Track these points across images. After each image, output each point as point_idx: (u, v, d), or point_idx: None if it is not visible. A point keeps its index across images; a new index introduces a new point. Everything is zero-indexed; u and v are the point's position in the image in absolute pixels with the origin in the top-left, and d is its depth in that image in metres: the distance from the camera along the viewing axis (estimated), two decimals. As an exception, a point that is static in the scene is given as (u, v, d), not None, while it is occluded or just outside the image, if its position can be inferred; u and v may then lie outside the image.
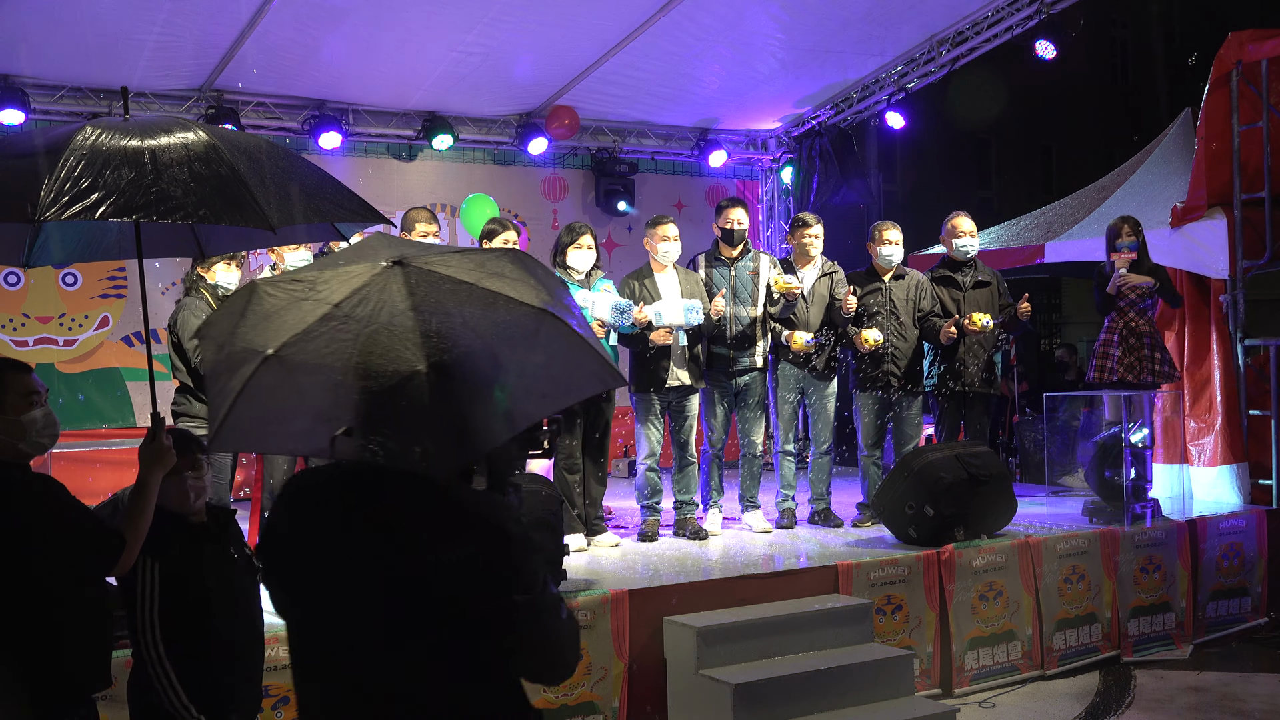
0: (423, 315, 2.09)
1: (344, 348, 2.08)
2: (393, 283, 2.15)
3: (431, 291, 2.14)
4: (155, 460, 3.10)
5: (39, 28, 7.73)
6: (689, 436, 6.90)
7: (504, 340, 2.13)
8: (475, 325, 2.12)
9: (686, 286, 6.78)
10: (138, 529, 3.01)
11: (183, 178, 2.93)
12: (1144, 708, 6.05)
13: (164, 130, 3.05)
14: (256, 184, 2.99)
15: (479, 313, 2.14)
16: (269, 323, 2.17)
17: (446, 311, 2.11)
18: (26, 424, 3.00)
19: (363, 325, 2.09)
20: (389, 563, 2.07)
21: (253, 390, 2.11)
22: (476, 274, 2.21)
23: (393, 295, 2.13)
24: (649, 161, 11.16)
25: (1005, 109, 20.66)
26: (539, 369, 2.19)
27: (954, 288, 7.39)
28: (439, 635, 2.07)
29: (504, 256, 2.33)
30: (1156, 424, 7.70)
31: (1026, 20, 9.07)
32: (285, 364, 2.10)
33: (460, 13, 8.20)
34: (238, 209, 2.94)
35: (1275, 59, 7.87)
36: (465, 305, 2.14)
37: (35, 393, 3.05)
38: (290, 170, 3.21)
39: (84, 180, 2.85)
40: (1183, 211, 8.06)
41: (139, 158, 2.93)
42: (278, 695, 4.55)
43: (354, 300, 2.14)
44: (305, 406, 2.13)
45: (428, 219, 6.45)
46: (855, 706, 5.30)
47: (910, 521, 6.45)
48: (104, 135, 2.98)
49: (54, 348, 8.87)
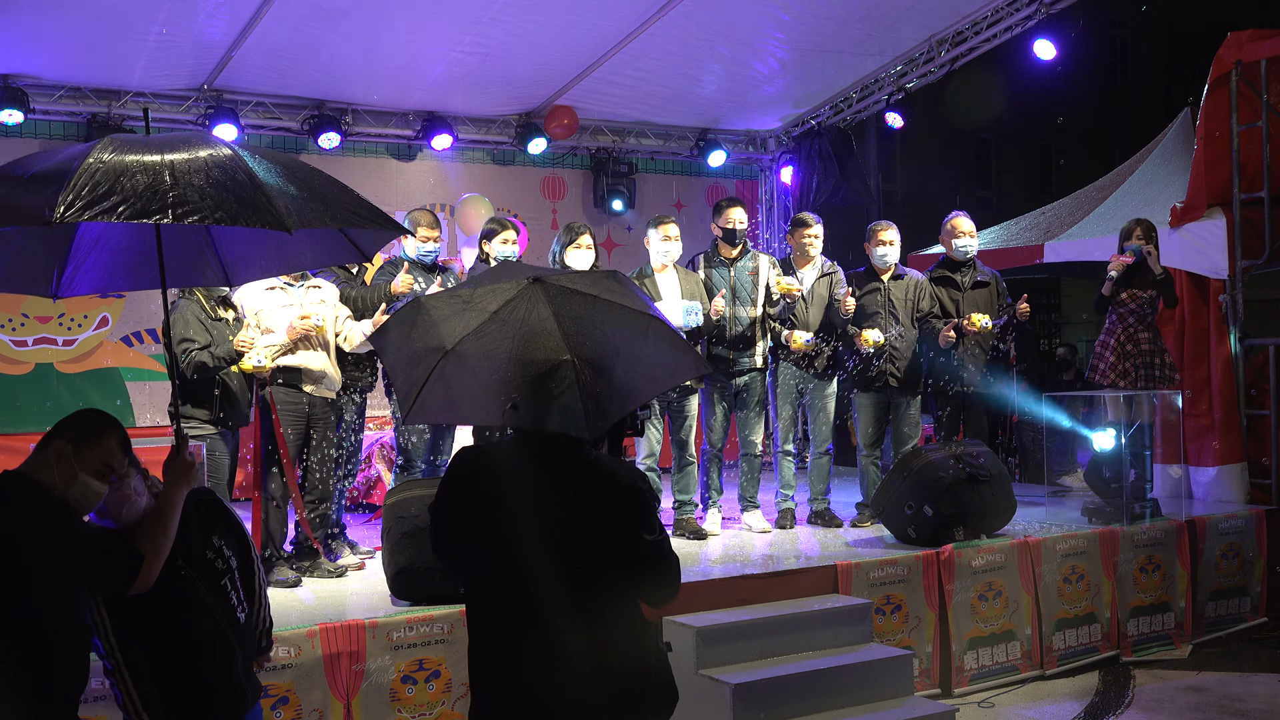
0: (561, 319, 2.81)
1: (505, 344, 2.80)
2: (536, 295, 2.87)
3: (566, 301, 2.87)
4: (179, 476, 3.09)
5: (39, 28, 7.73)
6: (688, 436, 6.90)
7: (623, 338, 2.87)
8: (601, 326, 2.85)
9: (686, 287, 6.78)
10: (157, 546, 2.98)
11: (200, 184, 2.97)
12: (1143, 707, 6.05)
13: (184, 144, 3.10)
14: (274, 189, 3.04)
15: (603, 316, 2.88)
16: (440, 327, 2.88)
17: (578, 316, 2.84)
18: (81, 484, 2.96)
19: (517, 327, 2.81)
20: (552, 513, 2.77)
21: (437, 377, 2.84)
22: (596, 289, 2.96)
23: (538, 305, 2.85)
24: (649, 161, 11.16)
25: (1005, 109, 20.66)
26: (650, 359, 2.89)
27: (953, 288, 7.39)
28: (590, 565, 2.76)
29: (610, 276, 3.11)
30: (1156, 424, 7.70)
31: (1026, 20, 9.06)
32: (461, 357, 2.82)
33: (460, 13, 8.20)
34: (254, 211, 2.97)
35: (1275, 59, 7.88)
36: (592, 311, 2.88)
37: (113, 469, 3.01)
38: (309, 180, 3.26)
39: (102, 187, 2.89)
40: (1182, 211, 8.06)
41: (157, 169, 2.97)
42: (277, 695, 4.56)
43: (508, 309, 2.86)
44: (479, 387, 2.83)
45: (430, 223, 6.42)
46: (855, 706, 5.30)
47: (910, 521, 6.45)
48: (124, 149, 3.02)
49: (53, 348, 8.86)
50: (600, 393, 2.74)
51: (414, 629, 4.89)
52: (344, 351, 6.02)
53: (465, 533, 2.88)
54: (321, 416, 5.90)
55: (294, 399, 5.79)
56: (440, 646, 4.92)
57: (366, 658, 4.77)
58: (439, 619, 4.95)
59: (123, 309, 9.10)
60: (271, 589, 5.54)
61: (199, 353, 5.44)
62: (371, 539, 6.56)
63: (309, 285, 5.92)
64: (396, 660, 4.84)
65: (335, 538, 6.23)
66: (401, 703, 4.84)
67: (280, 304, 5.80)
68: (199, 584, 3.22)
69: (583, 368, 2.73)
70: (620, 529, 2.81)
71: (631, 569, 2.84)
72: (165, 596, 3.08)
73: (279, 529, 5.85)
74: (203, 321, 5.56)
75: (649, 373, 2.91)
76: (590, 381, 2.73)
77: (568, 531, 2.78)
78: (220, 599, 3.28)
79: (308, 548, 5.90)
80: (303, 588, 5.67)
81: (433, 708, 4.90)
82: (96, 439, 2.99)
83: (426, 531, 5.13)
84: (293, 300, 5.82)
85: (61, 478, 2.94)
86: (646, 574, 2.88)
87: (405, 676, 4.85)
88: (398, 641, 4.85)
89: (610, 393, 2.77)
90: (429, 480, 5.86)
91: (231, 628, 3.29)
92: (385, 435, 8.19)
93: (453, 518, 2.91)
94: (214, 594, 3.27)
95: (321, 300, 5.92)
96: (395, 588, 5.26)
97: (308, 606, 5.28)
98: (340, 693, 4.70)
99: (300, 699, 4.61)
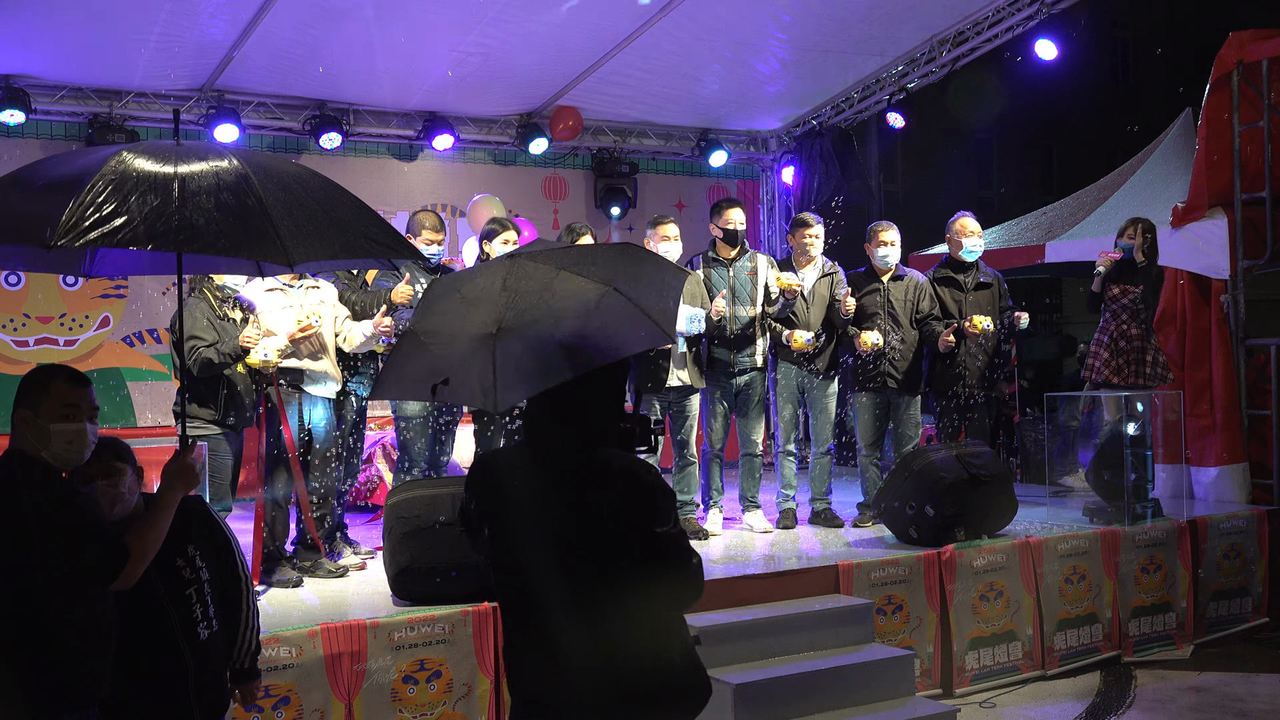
0: (509, 292, 2.84)
1: (453, 322, 2.89)
2: (498, 270, 2.92)
3: (521, 275, 2.88)
4: (177, 479, 3.10)
5: (39, 28, 7.73)
6: (689, 436, 6.90)
7: (571, 308, 2.81)
8: (548, 298, 2.83)
9: (688, 287, 6.78)
10: (145, 544, 2.97)
11: (208, 206, 2.93)
12: (1145, 708, 6.05)
13: (198, 157, 3.05)
14: (283, 217, 2.99)
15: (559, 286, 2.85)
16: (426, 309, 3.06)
17: (525, 290, 2.84)
18: (54, 433, 2.99)
19: (469, 306, 2.88)
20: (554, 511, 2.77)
21: (395, 354, 3.03)
22: (567, 261, 2.95)
23: (495, 279, 2.90)
24: (649, 161, 11.16)
25: (1005, 109, 20.65)
26: (599, 329, 2.82)
27: (956, 289, 7.39)
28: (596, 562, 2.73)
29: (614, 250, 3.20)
30: (1156, 424, 7.70)
31: (1027, 20, 9.06)
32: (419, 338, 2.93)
33: (461, 13, 8.21)
34: (258, 242, 2.95)
35: (1275, 59, 7.87)
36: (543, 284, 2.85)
37: (75, 405, 3.03)
38: (325, 202, 3.19)
39: (107, 205, 2.85)
40: (1183, 211, 8.06)
41: (167, 184, 2.93)
42: (278, 695, 4.56)
43: (475, 286, 2.93)
44: (424, 367, 2.89)
45: (435, 225, 6.40)
46: (856, 707, 5.30)
47: (911, 521, 6.45)
48: (137, 159, 2.98)
49: (54, 348, 8.87)
50: (523, 364, 2.72)
51: (415, 629, 4.89)
52: (344, 352, 6.02)
53: (482, 541, 2.94)
54: (323, 416, 5.90)
55: (296, 399, 5.79)
56: (441, 647, 4.92)
57: (368, 658, 4.77)
58: (440, 619, 4.95)
59: (124, 309, 9.10)
60: (273, 589, 5.58)
61: (206, 350, 5.45)
62: (373, 539, 6.56)
63: (308, 286, 5.92)
64: (398, 660, 4.84)
65: (336, 538, 6.23)
66: (403, 703, 4.84)
67: (281, 305, 5.80)
68: (158, 585, 3.18)
69: (506, 339, 2.73)
70: (628, 523, 2.75)
71: (645, 565, 2.76)
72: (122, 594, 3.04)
73: (281, 529, 5.86)
74: (210, 321, 5.57)
75: (597, 342, 2.81)
76: (514, 354, 2.71)
77: (572, 529, 2.76)
78: (181, 608, 3.23)
79: (310, 545, 5.90)
80: (304, 588, 5.67)
81: (434, 708, 4.90)
82: (45, 390, 3.03)
83: (428, 531, 5.18)
84: (293, 301, 5.82)
85: (37, 440, 2.98)
86: (662, 571, 2.79)
87: (406, 676, 4.85)
88: (399, 641, 4.85)
89: (539, 360, 2.73)
90: (430, 480, 5.87)
91: (187, 639, 3.22)
92: (386, 435, 8.19)
93: (470, 532, 3.00)
94: (174, 601, 3.22)
95: (321, 301, 5.92)
96: (396, 588, 5.27)
97: (309, 606, 5.28)
98: (341, 693, 4.70)
99: (301, 699, 4.61)
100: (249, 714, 4.37)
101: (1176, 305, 8.20)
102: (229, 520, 5.42)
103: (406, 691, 4.85)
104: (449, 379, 2.78)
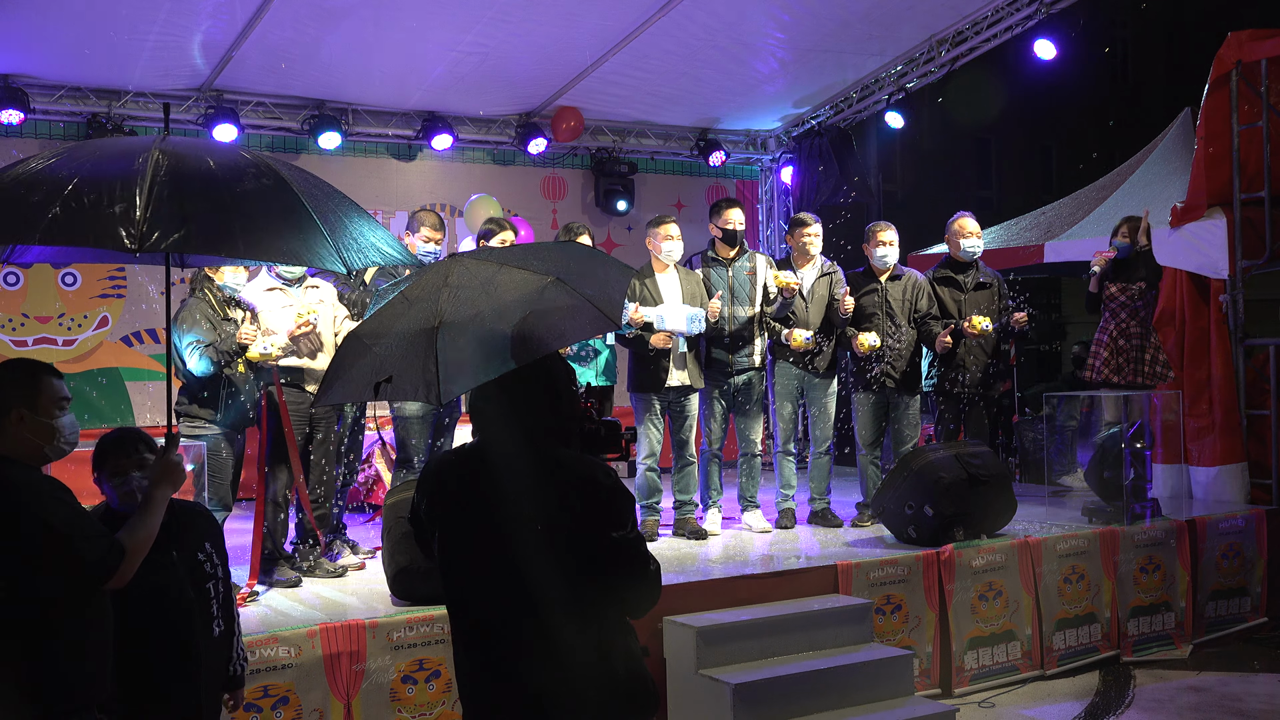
0: (451, 289, 2.86)
1: (395, 321, 2.88)
2: (441, 269, 2.95)
3: (464, 273, 2.92)
4: (165, 475, 3.10)
5: (38, 27, 7.73)
6: (688, 436, 6.90)
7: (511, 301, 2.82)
8: (489, 292, 2.85)
9: (687, 287, 6.79)
10: (138, 542, 2.98)
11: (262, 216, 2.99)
12: (1144, 708, 6.05)
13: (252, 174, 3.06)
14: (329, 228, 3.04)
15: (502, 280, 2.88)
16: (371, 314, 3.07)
17: (466, 285, 2.87)
18: (57, 428, 3.02)
19: (411, 305, 2.88)
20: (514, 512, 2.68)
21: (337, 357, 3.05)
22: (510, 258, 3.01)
23: (438, 278, 2.92)
24: (649, 161, 11.17)
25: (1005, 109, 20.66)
26: (541, 318, 2.81)
27: (955, 289, 7.39)
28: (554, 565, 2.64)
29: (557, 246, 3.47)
30: (1156, 424, 7.70)
31: (1026, 20, 9.07)
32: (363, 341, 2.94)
33: (460, 13, 8.21)
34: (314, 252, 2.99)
35: (1275, 59, 7.87)
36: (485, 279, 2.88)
37: (65, 399, 3.07)
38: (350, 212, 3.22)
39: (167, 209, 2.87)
40: (1182, 211, 8.05)
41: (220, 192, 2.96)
42: (277, 695, 4.56)
43: (417, 287, 2.94)
44: (367, 367, 2.88)
45: (434, 224, 6.39)
46: (855, 706, 5.30)
47: (910, 521, 6.45)
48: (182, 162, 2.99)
49: (53, 348, 8.87)
50: (466, 356, 2.73)
51: (414, 629, 4.89)
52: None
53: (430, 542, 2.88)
54: (323, 415, 5.91)
55: (296, 399, 5.80)
56: (440, 646, 4.92)
57: (367, 658, 4.77)
58: (439, 619, 4.94)
59: (122, 309, 9.11)
60: (272, 589, 5.58)
61: (206, 349, 5.44)
62: (371, 539, 6.56)
63: (307, 285, 5.92)
64: (397, 660, 4.84)
65: (336, 537, 6.23)
66: (402, 703, 4.83)
67: (280, 304, 5.80)
68: (184, 579, 3.24)
69: (448, 331, 2.73)
70: (580, 525, 2.67)
71: (597, 569, 2.68)
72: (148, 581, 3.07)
73: (280, 529, 5.85)
74: (211, 320, 5.56)
75: (541, 332, 2.79)
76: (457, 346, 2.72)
77: (523, 532, 2.67)
78: (202, 600, 3.29)
79: (312, 541, 5.90)
80: (303, 588, 5.66)
81: (433, 708, 4.90)
82: (37, 386, 3.02)
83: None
84: (292, 300, 5.82)
85: (39, 436, 2.99)
86: (616, 576, 2.72)
87: (405, 676, 4.85)
88: (398, 641, 4.85)
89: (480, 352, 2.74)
90: (429, 480, 5.85)
91: (205, 634, 3.28)
92: (385, 435, 8.19)
93: (419, 535, 2.96)
94: (198, 593, 3.29)
95: (320, 300, 5.93)
96: (395, 588, 5.26)
97: (308, 606, 5.27)
98: (340, 693, 4.70)
99: (300, 699, 4.61)
100: (248, 714, 4.37)
101: (1175, 305, 8.20)
102: (229, 520, 5.48)
103: (405, 691, 4.85)
104: (392, 376, 2.78)
